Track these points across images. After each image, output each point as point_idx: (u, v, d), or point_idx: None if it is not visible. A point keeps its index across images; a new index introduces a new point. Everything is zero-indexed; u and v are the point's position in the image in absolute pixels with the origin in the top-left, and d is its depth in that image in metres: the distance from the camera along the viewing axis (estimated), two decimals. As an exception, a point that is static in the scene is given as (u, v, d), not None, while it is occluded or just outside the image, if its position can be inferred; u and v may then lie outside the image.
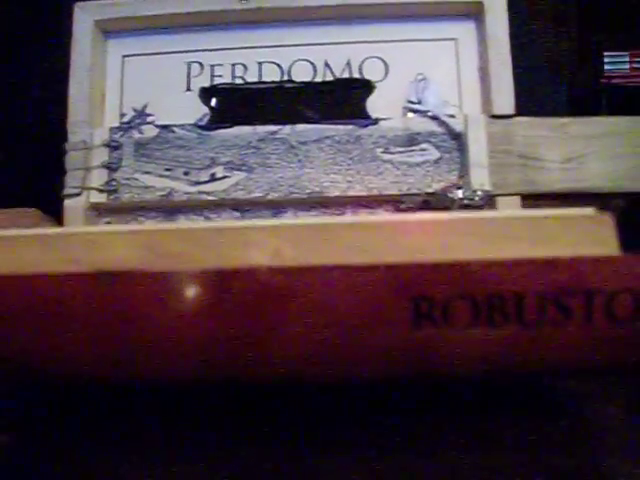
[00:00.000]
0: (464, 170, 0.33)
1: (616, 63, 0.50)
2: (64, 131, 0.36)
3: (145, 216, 0.35)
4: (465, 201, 0.33)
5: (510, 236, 0.19)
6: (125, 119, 0.37)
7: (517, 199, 0.33)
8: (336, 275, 0.18)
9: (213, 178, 0.35)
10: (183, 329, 0.18)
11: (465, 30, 0.36)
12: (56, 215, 0.35)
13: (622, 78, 0.61)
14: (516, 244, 0.19)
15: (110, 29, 0.37)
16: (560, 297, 0.17)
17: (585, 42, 0.51)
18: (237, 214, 0.35)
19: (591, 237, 0.19)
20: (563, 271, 0.18)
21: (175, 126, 0.36)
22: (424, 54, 0.36)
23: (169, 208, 0.35)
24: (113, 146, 0.35)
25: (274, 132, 0.35)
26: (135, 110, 0.37)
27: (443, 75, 0.36)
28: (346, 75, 0.36)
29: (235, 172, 0.35)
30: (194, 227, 0.23)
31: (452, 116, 0.34)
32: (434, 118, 0.34)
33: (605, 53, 0.47)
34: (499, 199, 0.33)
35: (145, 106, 0.37)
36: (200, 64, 0.37)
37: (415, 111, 0.34)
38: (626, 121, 0.34)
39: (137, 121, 0.36)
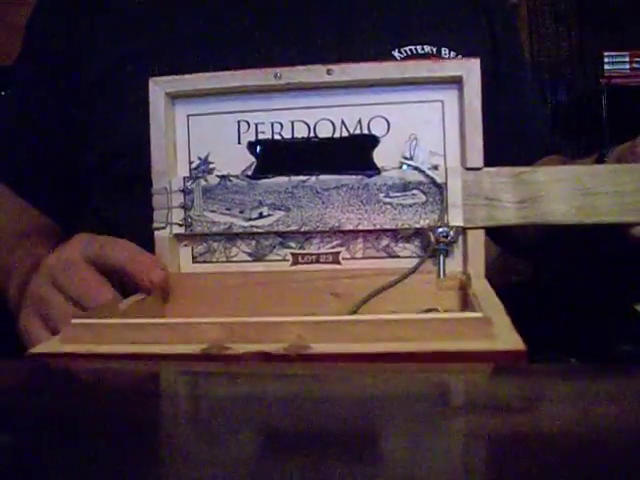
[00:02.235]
0: (444, 210, 0.46)
1: (616, 63, 0.55)
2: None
3: (213, 240, 0.49)
4: (443, 236, 0.45)
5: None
6: (193, 165, 0.49)
7: (482, 232, 0.46)
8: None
9: (261, 215, 0.48)
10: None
11: (450, 95, 0.47)
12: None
13: (622, 78, 0.67)
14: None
15: (177, 96, 0.49)
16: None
17: (585, 42, 0.59)
18: (280, 239, 0.48)
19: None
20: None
21: (231, 176, 0.48)
22: (417, 113, 0.47)
23: (230, 236, 0.49)
24: (186, 191, 0.48)
25: (304, 181, 0.47)
26: (200, 158, 0.49)
27: (432, 131, 0.47)
28: (358, 131, 0.48)
29: (276, 211, 0.48)
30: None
31: (436, 167, 0.46)
32: (422, 171, 0.46)
33: (605, 53, 0.53)
34: (468, 232, 0.46)
35: (208, 155, 0.49)
36: (247, 122, 0.49)
37: (408, 165, 0.46)
38: (572, 170, 0.45)
39: (202, 167, 0.49)
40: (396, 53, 0.61)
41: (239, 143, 0.49)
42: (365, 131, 0.48)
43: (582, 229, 0.45)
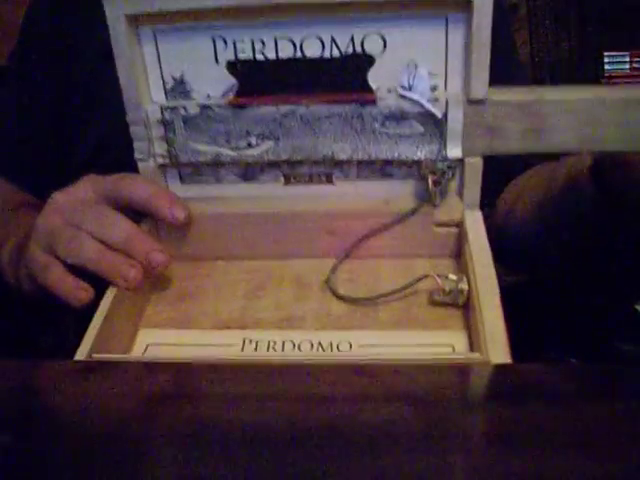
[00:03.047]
0: (442, 142, 0.44)
1: (616, 63, 0.48)
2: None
3: (202, 171, 0.47)
4: (441, 170, 0.44)
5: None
6: (168, 87, 0.45)
7: (480, 160, 0.44)
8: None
9: (249, 145, 0.45)
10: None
11: (455, 16, 0.41)
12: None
13: (622, 78, 0.59)
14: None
15: (139, 18, 0.42)
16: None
17: (585, 42, 0.49)
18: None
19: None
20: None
21: (214, 105, 0.44)
22: (417, 31, 0.42)
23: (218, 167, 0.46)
24: (166, 123, 0.45)
25: (294, 110, 0.44)
26: (174, 79, 0.44)
27: (433, 53, 0.42)
28: (350, 50, 0.43)
29: (265, 140, 0.45)
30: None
31: (436, 99, 0.42)
32: (420, 104, 0.42)
33: (605, 53, 0.46)
34: (466, 160, 0.44)
35: (182, 75, 0.44)
36: (224, 40, 0.43)
37: (405, 96, 0.42)
38: (582, 102, 0.42)
39: (178, 89, 0.45)
40: None
41: (216, 62, 0.44)
42: (358, 50, 0.43)
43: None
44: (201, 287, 0.45)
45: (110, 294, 0.41)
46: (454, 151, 0.44)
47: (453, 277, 0.41)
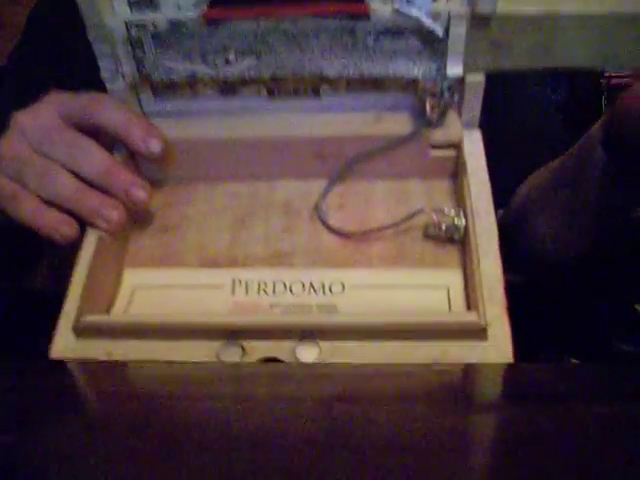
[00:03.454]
0: (443, 60, 0.39)
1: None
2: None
3: (176, 86, 0.43)
4: (440, 87, 0.40)
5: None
6: (132, -2, 0.39)
7: (482, 76, 0.40)
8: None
9: (227, 62, 0.41)
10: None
11: None
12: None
13: (622, 78, 0.54)
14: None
15: None
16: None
17: None
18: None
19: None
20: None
21: (185, 20, 0.39)
22: None
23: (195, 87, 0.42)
24: (133, 40, 0.40)
25: (276, 26, 0.39)
26: (137, -14, 0.39)
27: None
28: (339, -46, 0.37)
29: (245, 57, 0.40)
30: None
31: (438, 14, 0.38)
32: (419, 21, 0.38)
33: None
34: (466, 75, 0.40)
35: (145, -18, 0.39)
36: (191, -59, 0.37)
37: (403, 12, 0.37)
38: (597, 19, 0.38)
39: (145, 1, 0.39)
40: None
41: (185, -33, 0.38)
42: (349, -47, 0.37)
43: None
44: (184, 216, 0.43)
45: (92, 238, 0.39)
46: (455, 69, 0.40)
47: (450, 212, 0.40)
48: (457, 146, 0.42)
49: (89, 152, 0.40)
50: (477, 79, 0.40)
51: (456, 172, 0.43)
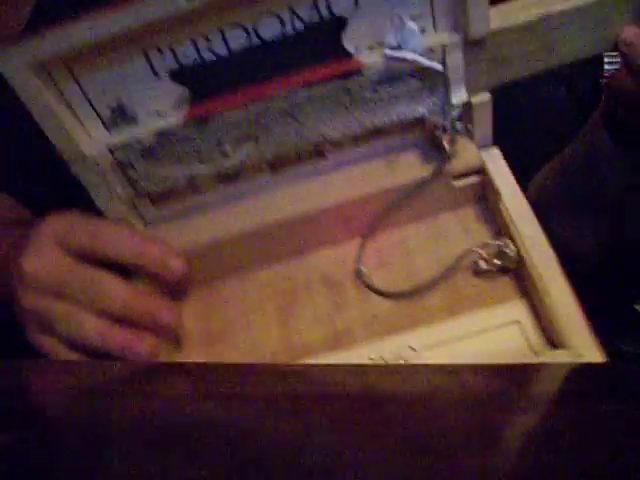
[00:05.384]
0: (444, 91, 0.37)
1: (616, 63, 0.43)
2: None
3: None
4: (450, 120, 0.38)
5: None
6: (106, 118, 0.36)
7: (487, 96, 0.38)
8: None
9: (224, 155, 0.38)
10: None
11: None
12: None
13: None
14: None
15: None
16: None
17: None
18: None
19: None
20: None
21: (172, 128, 0.36)
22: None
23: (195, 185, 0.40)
24: (122, 163, 0.37)
25: (268, 106, 0.36)
26: (110, 108, 0.36)
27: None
28: (315, 19, 0.34)
29: (243, 145, 0.38)
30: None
31: (431, 50, 0.35)
32: (418, 62, 0.35)
33: (605, 53, 0.40)
34: (473, 99, 0.38)
35: (119, 99, 0.36)
36: (158, 50, 0.34)
37: (396, 57, 0.35)
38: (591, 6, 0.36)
39: (120, 118, 0.36)
40: None
41: (156, 76, 0.35)
42: (325, 15, 0.34)
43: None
44: (224, 321, 0.41)
45: None
46: (460, 96, 0.38)
47: (495, 243, 0.38)
48: (480, 170, 0.40)
49: (108, 287, 0.37)
50: (483, 99, 0.38)
51: (483, 195, 0.41)
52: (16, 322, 0.42)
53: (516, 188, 0.38)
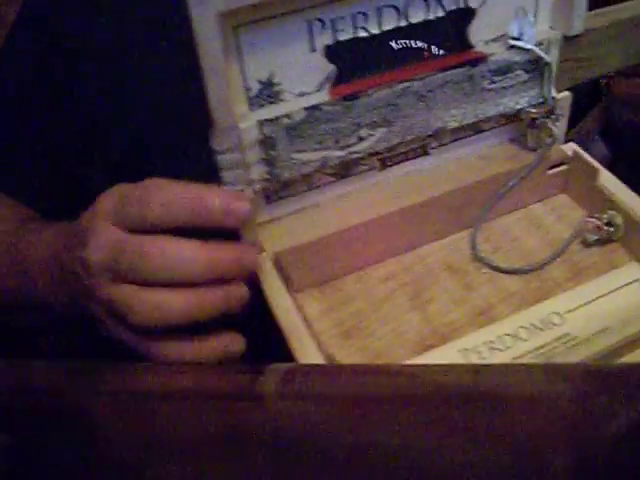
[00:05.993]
0: (542, 84, 0.42)
1: None
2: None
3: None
4: (545, 112, 0.42)
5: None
6: (252, 93, 0.36)
7: (568, 94, 0.44)
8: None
9: (360, 139, 0.39)
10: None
11: None
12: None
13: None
14: None
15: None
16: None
17: None
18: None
19: None
20: None
21: (322, 104, 0.36)
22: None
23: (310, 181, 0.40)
24: (267, 140, 0.36)
25: (407, 87, 0.38)
26: (261, 82, 0.35)
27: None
28: (453, 6, 0.38)
29: (377, 129, 0.39)
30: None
31: (541, 43, 0.40)
32: (533, 51, 0.40)
33: None
34: (558, 96, 0.43)
35: (271, 76, 0.36)
36: (321, 20, 0.35)
37: (517, 46, 0.39)
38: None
39: (265, 93, 0.36)
40: None
41: (313, 51, 0.36)
42: (462, 3, 0.38)
43: None
44: (357, 314, 0.39)
45: None
46: (554, 90, 0.42)
47: (602, 216, 0.41)
48: (568, 160, 0.44)
49: (180, 255, 0.34)
50: (566, 96, 0.44)
51: (567, 185, 0.45)
52: (91, 322, 0.37)
53: (601, 168, 0.43)
